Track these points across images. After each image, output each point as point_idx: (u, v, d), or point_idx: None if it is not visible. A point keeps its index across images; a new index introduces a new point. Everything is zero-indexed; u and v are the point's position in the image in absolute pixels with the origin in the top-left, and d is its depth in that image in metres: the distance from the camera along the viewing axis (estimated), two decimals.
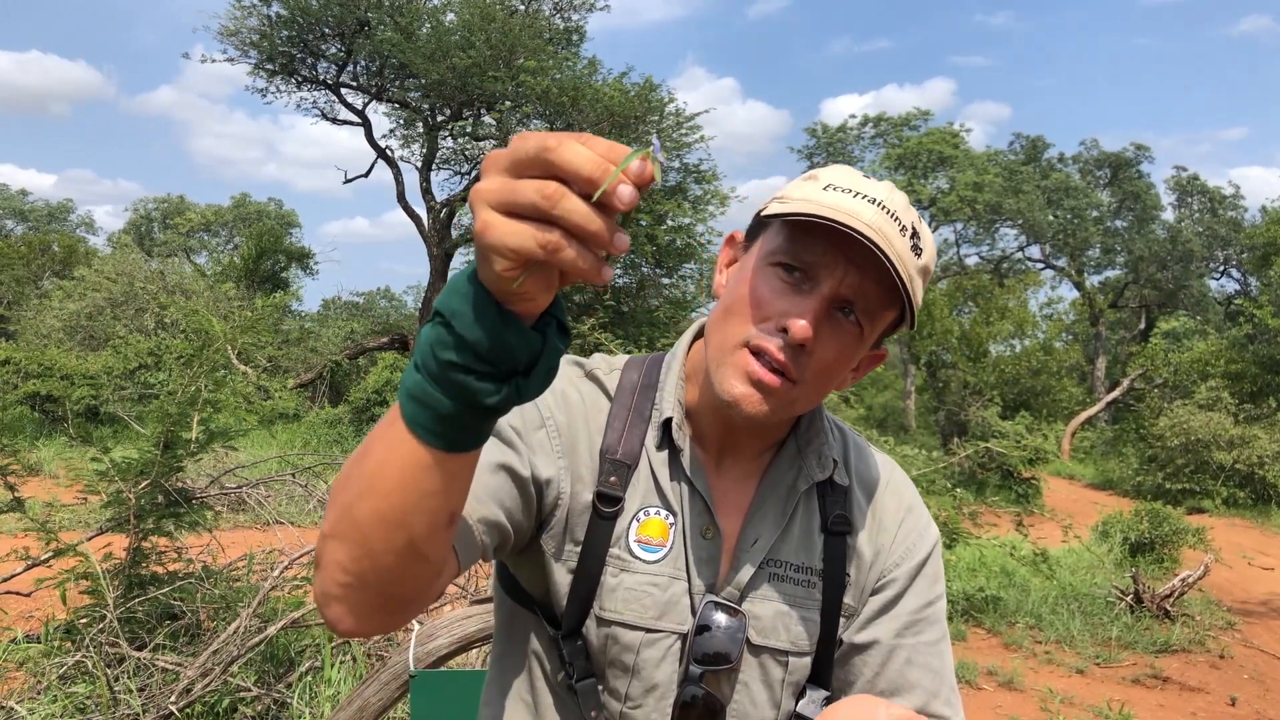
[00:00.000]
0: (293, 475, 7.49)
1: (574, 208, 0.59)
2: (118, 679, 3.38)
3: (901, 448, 9.21)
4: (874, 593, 1.10)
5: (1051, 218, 32.95)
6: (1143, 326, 34.41)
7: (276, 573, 3.87)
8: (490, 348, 0.64)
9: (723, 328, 1.01)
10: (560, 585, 1.04)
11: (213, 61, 25.67)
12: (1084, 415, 25.62)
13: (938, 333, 25.53)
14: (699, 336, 1.12)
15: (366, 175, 24.34)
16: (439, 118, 20.83)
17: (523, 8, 20.48)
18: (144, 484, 3.76)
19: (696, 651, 1.01)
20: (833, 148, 34.31)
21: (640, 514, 1.05)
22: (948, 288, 30.68)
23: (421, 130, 21.10)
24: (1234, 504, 15.84)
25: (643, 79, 16.39)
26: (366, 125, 21.94)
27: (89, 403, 13.33)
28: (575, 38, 21.05)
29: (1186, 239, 33.07)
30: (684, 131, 14.56)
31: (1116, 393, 26.17)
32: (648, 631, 1.03)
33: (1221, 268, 35.48)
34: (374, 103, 21.63)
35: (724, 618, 1.02)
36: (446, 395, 0.67)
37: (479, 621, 2.44)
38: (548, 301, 0.65)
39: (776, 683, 1.06)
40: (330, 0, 19.38)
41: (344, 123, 22.57)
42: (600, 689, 1.05)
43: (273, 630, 3.53)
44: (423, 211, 21.25)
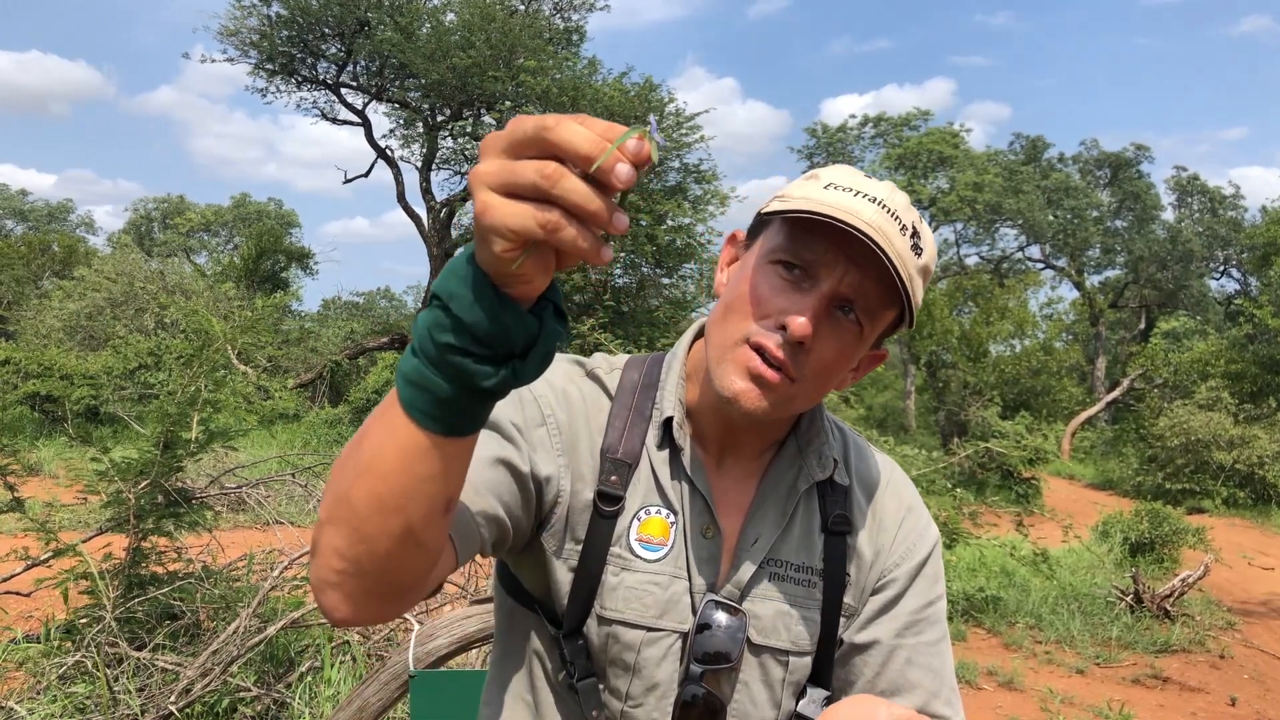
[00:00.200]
0: (293, 475, 7.50)
1: (574, 187, 0.59)
2: (117, 679, 3.38)
3: (901, 448, 9.21)
4: (874, 593, 1.10)
5: (1051, 218, 32.94)
6: (1143, 326, 34.41)
7: (276, 573, 3.87)
8: (488, 330, 0.64)
9: (723, 325, 1.01)
10: (561, 584, 1.04)
11: (213, 61, 25.70)
12: (1084, 415, 25.61)
13: (938, 333, 25.54)
14: (699, 336, 1.12)
15: (366, 175, 24.41)
16: (439, 118, 20.85)
17: (523, 8, 20.49)
18: (144, 484, 3.76)
19: (697, 650, 1.01)
20: (833, 148, 34.30)
21: (641, 513, 1.05)
22: (948, 288, 30.68)
23: (421, 130, 21.12)
24: (1234, 504, 15.84)
25: (643, 79, 16.41)
26: (366, 125, 21.96)
27: (89, 403, 13.33)
28: (575, 38, 21.07)
29: (1186, 239, 33.07)
30: (684, 131, 14.54)
31: (1116, 393, 26.17)
32: (649, 630, 1.03)
33: (1221, 268, 35.48)
34: (374, 103, 21.66)
35: (724, 617, 1.02)
36: (444, 378, 0.67)
37: (479, 621, 2.43)
38: (545, 284, 0.65)
39: (777, 682, 1.06)
40: (330, 0, 19.39)
41: (344, 123, 22.61)
42: (601, 688, 1.05)
43: (272, 630, 3.53)
44: (423, 211, 21.27)
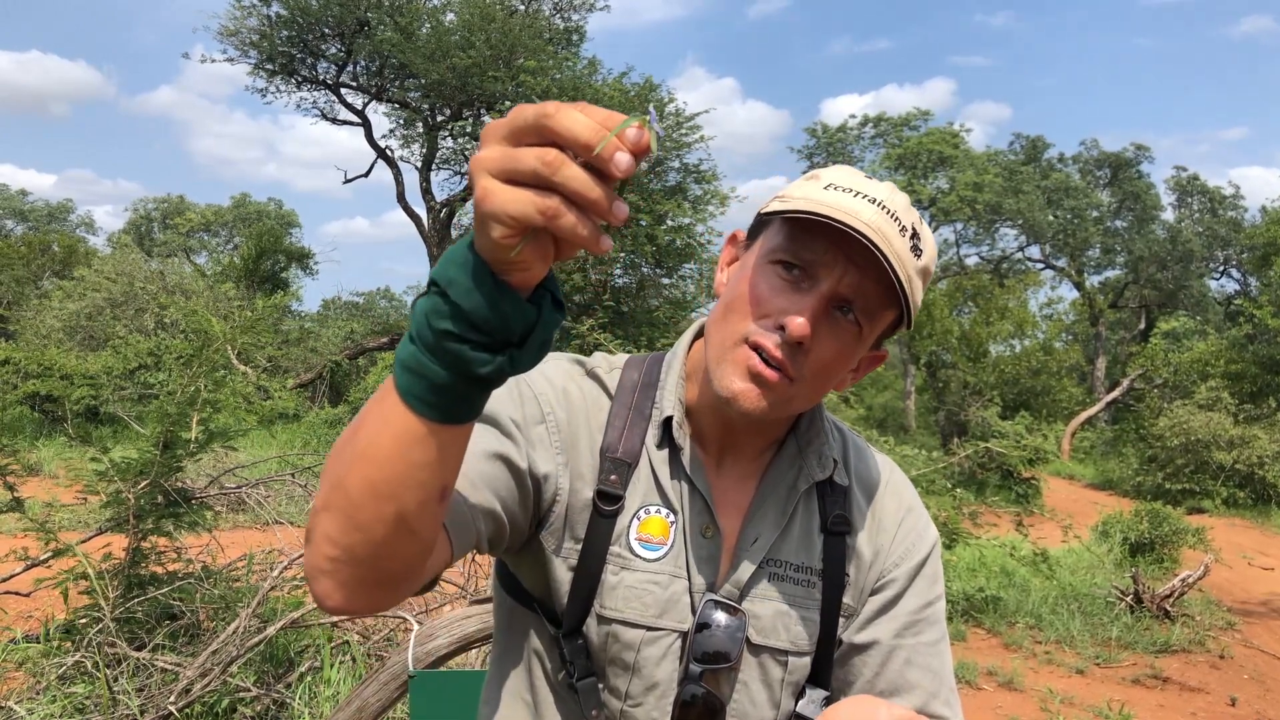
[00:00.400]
0: (292, 475, 7.48)
1: (574, 174, 0.59)
2: (117, 679, 3.38)
3: (901, 448, 9.20)
4: (873, 593, 1.10)
5: (1051, 218, 32.92)
6: (1143, 326, 34.39)
7: (276, 573, 3.87)
8: (485, 317, 0.64)
9: (723, 325, 1.01)
10: (561, 583, 1.04)
11: (213, 61, 25.73)
12: (1084, 415, 25.61)
13: (938, 333, 25.54)
14: (699, 336, 1.11)
15: (366, 175, 24.43)
16: (439, 118, 20.87)
17: (523, 8, 20.50)
18: (143, 484, 3.76)
19: (696, 650, 1.01)
20: (833, 148, 34.29)
21: (641, 512, 1.05)
22: (948, 288, 30.68)
23: (421, 130, 21.14)
24: (1234, 504, 15.84)
25: (643, 79, 16.40)
26: (366, 125, 21.97)
27: (89, 403, 13.32)
28: (575, 38, 21.08)
29: (1186, 239, 33.06)
30: (684, 131, 14.54)
31: (1116, 393, 26.17)
32: (648, 630, 1.03)
33: (1221, 268, 35.47)
34: (374, 103, 21.68)
35: (724, 616, 1.02)
36: (441, 365, 0.67)
37: (478, 621, 2.43)
38: (543, 273, 0.66)
39: (776, 682, 1.06)
40: (330, 0, 19.39)
41: (344, 123, 22.63)
42: (600, 687, 1.05)
43: (272, 630, 3.53)
44: (423, 211, 21.29)
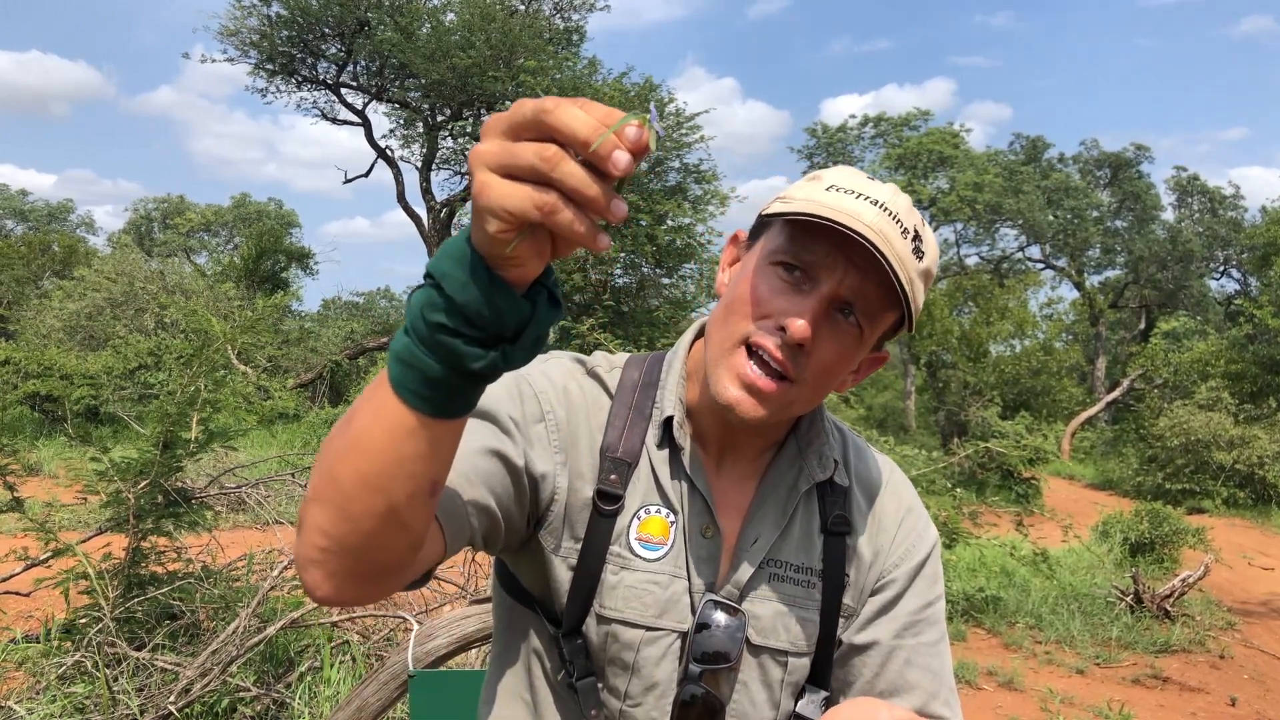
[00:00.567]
0: (292, 475, 7.47)
1: (572, 171, 0.59)
2: (117, 679, 3.38)
3: (901, 448, 9.18)
4: (873, 593, 1.10)
5: (1051, 218, 32.92)
6: (1143, 326, 34.38)
7: (276, 573, 3.87)
8: (479, 311, 0.64)
9: (723, 326, 1.01)
10: (560, 582, 1.04)
11: (213, 61, 25.70)
12: (1084, 415, 25.60)
13: (938, 333, 25.51)
14: (700, 335, 1.11)
15: (366, 175, 24.44)
16: (439, 118, 20.88)
17: (523, 8, 20.50)
18: (143, 484, 3.76)
19: (696, 650, 1.01)
20: (833, 148, 34.28)
21: (641, 512, 1.05)
22: (948, 288, 30.64)
23: (421, 130, 21.15)
24: (1234, 504, 15.83)
25: (643, 79, 16.40)
26: (366, 125, 21.98)
27: (89, 403, 13.32)
28: (575, 38, 21.10)
29: (1186, 239, 33.05)
30: (684, 131, 14.54)
31: (1116, 393, 26.16)
32: (648, 630, 1.03)
33: (1221, 268, 35.47)
34: (374, 103, 21.69)
35: (724, 617, 1.02)
36: (433, 358, 0.67)
37: (478, 621, 2.43)
38: (539, 269, 0.65)
39: (775, 683, 1.06)
40: (330, 0, 19.40)
41: (344, 123, 22.64)
42: (600, 687, 1.05)
43: (272, 630, 3.52)
44: (423, 211, 21.30)
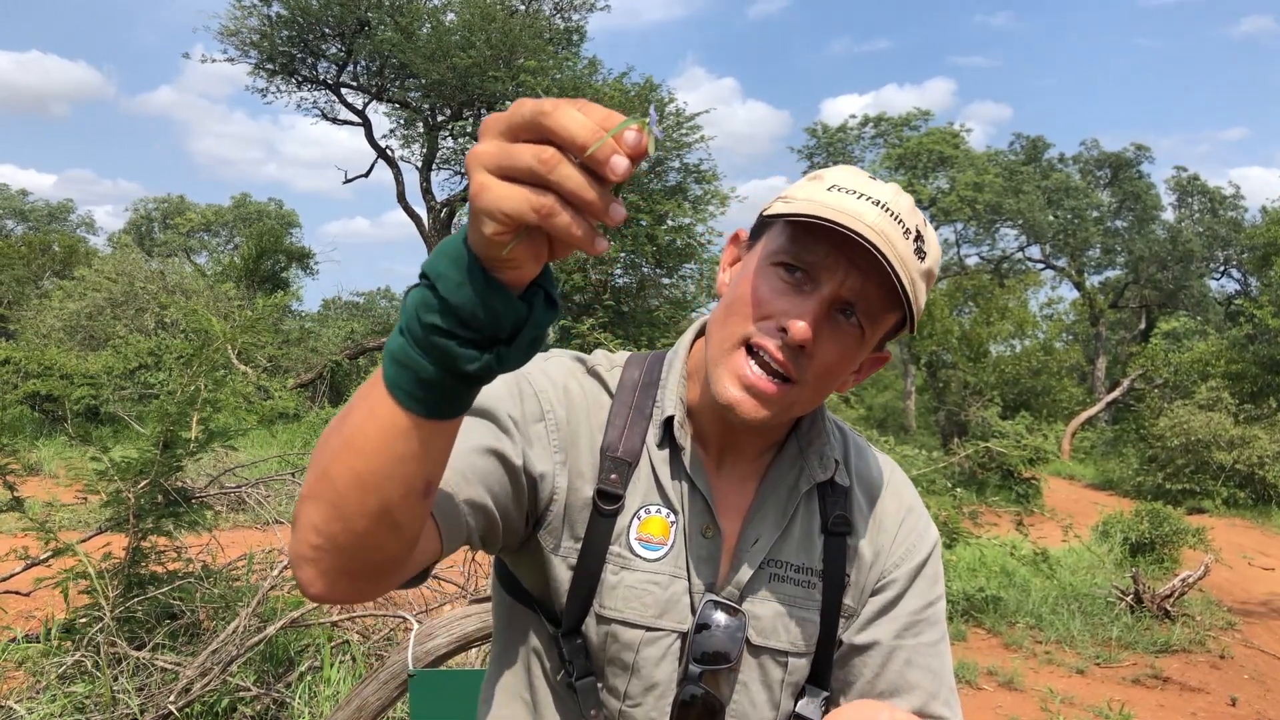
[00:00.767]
0: (293, 475, 7.47)
1: (569, 174, 0.59)
2: (117, 679, 3.38)
3: (901, 448, 9.19)
4: (874, 594, 1.10)
5: (1051, 218, 32.92)
6: (1143, 326, 34.39)
7: (276, 572, 3.87)
8: (474, 313, 0.64)
9: (724, 326, 1.01)
10: (560, 582, 1.04)
11: (213, 61, 25.72)
12: (1084, 415, 25.60)
13: (938, 333, 25.49)
14: (701, 335, 1.11)
15: (366, 175, 24.44)
16: (439, 118, 20.88)
17: (523, 8, 20.51)
18: (143, 484, 3.76)
19: (696, 650, 1.01)
20: (833, 148, 34.28)
21: (641, 512, 1.05)
22: (948, 288, 30.62)
23: (421, 130, 21.16)
24: (1234, 504, 15.83)
25: (643, 79, 16.41)
26: (366, 125, 21.99)
27: (89, 403, 13.31)
28: (575, 38, 21.11)
29: (1186, 239, 33.05)
30: (684, 131, 14.55)
31: (1116, 393, 26.16)
32: (648, 630, 1.03)
33: (1221, 268, 35.46)
34: (374, 103, 21.71)
35: (724, 617, 1.02)
36: (428, 359, 0.66)
37: (477, 621, 2.43)
38: (535, 271, 0.65)
39: (775, 683, 1.06)
40: (330, 0, 19.40)
41: (344, 123, 22.65)
42: (599, 687, 1.05)
43: (272, 630, 3.52)
44: (423, 211, 21.31)
